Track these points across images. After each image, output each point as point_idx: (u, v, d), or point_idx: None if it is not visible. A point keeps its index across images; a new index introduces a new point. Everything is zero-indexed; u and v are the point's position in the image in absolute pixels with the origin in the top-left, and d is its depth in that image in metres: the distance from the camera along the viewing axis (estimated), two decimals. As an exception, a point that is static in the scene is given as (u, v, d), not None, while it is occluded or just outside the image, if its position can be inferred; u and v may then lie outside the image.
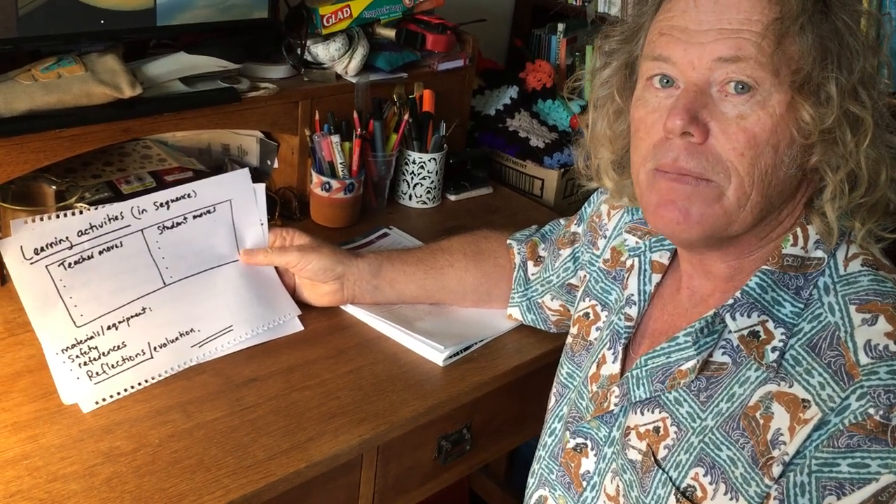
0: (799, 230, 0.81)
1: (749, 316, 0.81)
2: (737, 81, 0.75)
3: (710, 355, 0.83)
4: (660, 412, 0.86)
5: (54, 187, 1.19)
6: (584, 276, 1.09)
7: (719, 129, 0.77)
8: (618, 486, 0.89)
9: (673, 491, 0.81)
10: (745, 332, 0.80)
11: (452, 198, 1.66)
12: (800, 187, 0.81)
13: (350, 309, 1.23)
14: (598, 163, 0.95)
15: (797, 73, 0.75)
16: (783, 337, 0.79)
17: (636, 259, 0.97)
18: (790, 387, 0.76)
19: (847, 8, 0.77)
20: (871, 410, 0.70)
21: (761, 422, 0.77)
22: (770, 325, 0.80)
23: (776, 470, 0.74)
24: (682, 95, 0.78)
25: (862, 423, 0.70)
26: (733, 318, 0.81)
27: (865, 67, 0.76)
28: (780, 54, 0.75)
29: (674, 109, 0.77)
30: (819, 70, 0.75)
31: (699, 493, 0.80)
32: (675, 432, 0.83)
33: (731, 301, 0.82)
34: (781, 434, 0.75)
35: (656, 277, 0.95)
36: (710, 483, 0.79)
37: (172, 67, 1.30)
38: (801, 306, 0.79)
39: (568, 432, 0.97)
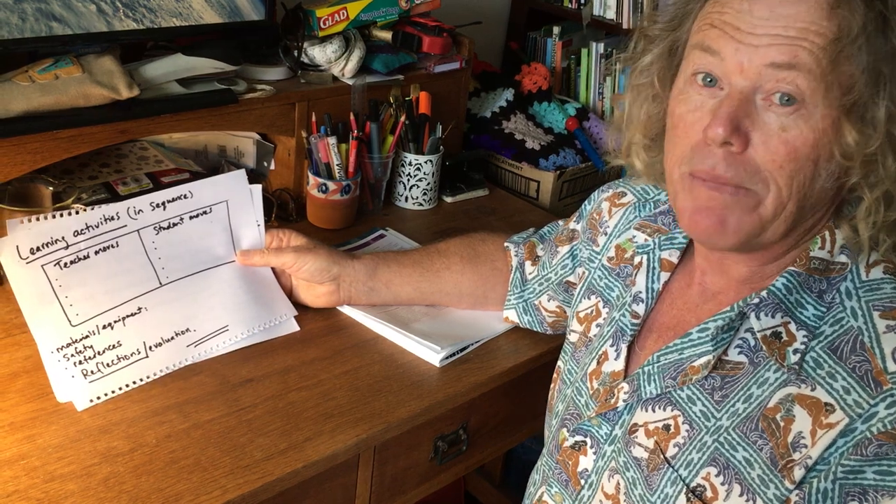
0: (827, 233, 0.81)
1: (773, 316, 0.80)
2: (783, 93, 0.74)
3: (725, 353, 0.83)
4: (671, 409, 0.85)
5: (51, 188, 1.19)
6: (583, 272, 1.09)
7: (760, 139, 0.75)
8: (618, 483, 0.89)
9: (683, 490, 0.81)
10: (768, 333, 0.80)
11: (448, 200, 1.67)
12: (834, 198, 0.80)
13: (346, 310, 1.23)
14: (630, 144, 0.93)
15: (848, 93, 0.73)
16: (804, 339, 0.78)
17: (644, 256, 0.96)
18: (812, 390, 0.76)
19: None
20: None
21: (782, 424, 0.76)
22: (792, 326, 0.79)
23: (798, 473, 0.74)
24: (727, 102, 0.75)
25: (891, 432, 0.70)
26: (758, 318, 0.81)
27: None
28: (836, 71, 0.73)
29: (716, 118, 0.75)
30: (870, 93, 0.73)
31: (709, 494, 0.79)
32: (687, 430, 0.83)
33: (756, 300, 0.81)
34: (803, 437, 0.75)
35: (665, 275, 0.94)
36: (723, 483, 0.79)
37: (169, 69, 1.30)
38: (824, 310, 0.79)
39: (565, 430, 0.97)
